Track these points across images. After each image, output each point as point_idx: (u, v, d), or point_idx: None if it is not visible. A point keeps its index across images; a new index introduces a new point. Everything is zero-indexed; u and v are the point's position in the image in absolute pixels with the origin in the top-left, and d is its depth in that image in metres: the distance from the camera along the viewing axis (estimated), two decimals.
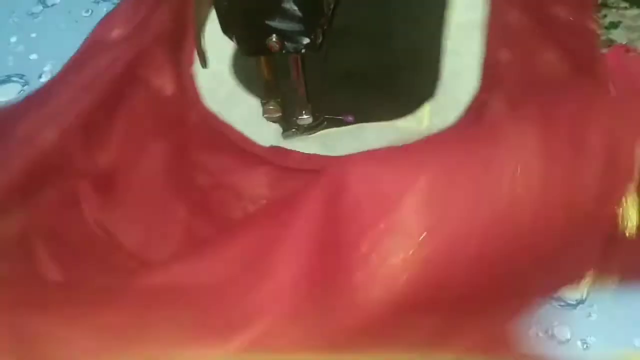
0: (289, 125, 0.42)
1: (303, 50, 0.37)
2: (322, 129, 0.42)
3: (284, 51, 0.36)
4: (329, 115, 0.42)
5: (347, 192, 0.31)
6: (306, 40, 0.36)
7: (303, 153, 0.41)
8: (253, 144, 0.42)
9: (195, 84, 0.44)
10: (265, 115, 0.42)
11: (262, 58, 0.39)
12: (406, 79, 0.43)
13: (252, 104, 0.43)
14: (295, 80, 0.39)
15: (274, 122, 0.42)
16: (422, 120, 0.41)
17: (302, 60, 0.39)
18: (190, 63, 0.45)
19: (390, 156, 0.33)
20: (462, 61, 0.43)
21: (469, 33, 0.44)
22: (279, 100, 0.41)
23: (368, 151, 0.36)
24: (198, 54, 0.44)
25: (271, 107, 0.41)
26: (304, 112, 0.41)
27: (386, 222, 0.30)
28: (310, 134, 0.42)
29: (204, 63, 0.44)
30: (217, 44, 0.44)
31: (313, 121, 0.42)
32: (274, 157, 0.41)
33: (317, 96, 0.41)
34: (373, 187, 0.31)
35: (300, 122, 0.41)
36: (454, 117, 0.40)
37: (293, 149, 0.41)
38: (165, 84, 0.43)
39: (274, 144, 0.41)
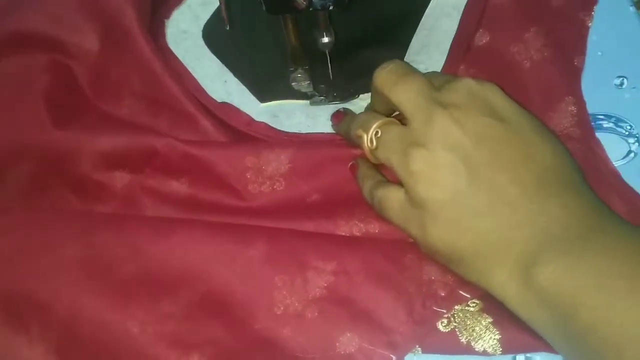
0: (317, 92, 0.43)
1: (331, 7, 0.36)
2: (351, 97, 0.43)
3: (310, 8, 0.36)
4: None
5: None
6: None
7: (252, 118, 0.43)
8: (207, 96, 0.43)
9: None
10: (293, 83, 0.42)
11: (289, 23, 0.39)
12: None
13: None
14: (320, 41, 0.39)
15: (302, 90, 0.43)
16: None
17: (330, 20, 0.38)
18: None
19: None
20: (433, 37, 0.44)
21: (447, 11, 0.45)
22: (307, 67, 0.42)
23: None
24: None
25: (299, 75, 0.42)
26: (330, 75, 0.42)
27: None
28: (338, 103, 0.43)
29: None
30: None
31: (344, 91, 0.43)
32: (222, 113, 0.43)
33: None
34: None
35: (330, 89, 0.42)
36: None
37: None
38: None
39: None
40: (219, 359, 0.34)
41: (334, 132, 0.42)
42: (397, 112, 0.36)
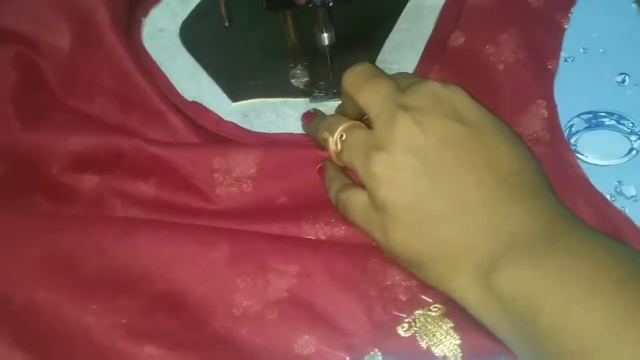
0: (316, 89, 0.42)
1: (331, 4, 0.36)
2: None
3: (310, 4, 0.36)
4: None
5: None
6: None
7: (221, 117, 0.42)
8: (178, 94, 0.44)
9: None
10: (292, 80, 0.42)
11: (289, 19, 0.39)
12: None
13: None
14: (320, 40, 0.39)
15: (301, 86, 0.43)
16: None
17: (330, 16, 0.38)
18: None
19: None
20: (408, 37, 0.44)
21: (424, 13, 0.45)
22: (306, 64, 0.42)
23: None
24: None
25: (298, 72, 0.42)
26: (332, 75, 0.41)
27: None
28: (338, 100, 0.42)
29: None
30: None
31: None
32: (191, 112, 0.43)
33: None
34: None
35: (330, 85, 0.42)
36: None
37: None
38: None
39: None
40: (173, 351, 0.34)
41: (303, 132, 0.42)
42: (366, 116, 0.36)
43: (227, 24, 0.44)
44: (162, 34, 0.48)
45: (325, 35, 0.39)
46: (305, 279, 0.35)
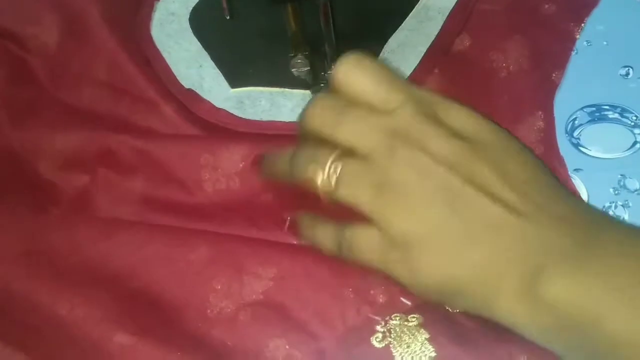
0: (316, 79, 0.42)
1: None
2: None
3: None
4: None
5: None
6: None
7: (214, 105, 0.41)
8: (175, 81, 0.43)
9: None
10: (292, 70, 0.41)
11: (289, 8, 0.39)
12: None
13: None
14: (324, 32, 0.39)
15: (301, 76, 0.41)
16: None
17: (332, 9, 0.38)
18: None
19: None
20: (412, 38, 0.43)
21: (432, 15, 0.44)
22: (307, 53, 0.40)
23: None
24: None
25: (299, 61, 0.41)
26: (333, 66, 0.39)
27: None
28: None
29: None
30: None
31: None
32: (185, 99, 0.42)
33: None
34: None
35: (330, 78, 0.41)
36: None
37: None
38: None
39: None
40: (144, 342, 0.34)
41: (295, 121, 0.41)
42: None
43: (228, 17, 0.43)
44: (172, 18, 0.48)
45: (330, 32, 0.39)
46: (281, 282, 0.35)
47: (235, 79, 0.44)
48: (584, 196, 0.38)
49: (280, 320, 0.34)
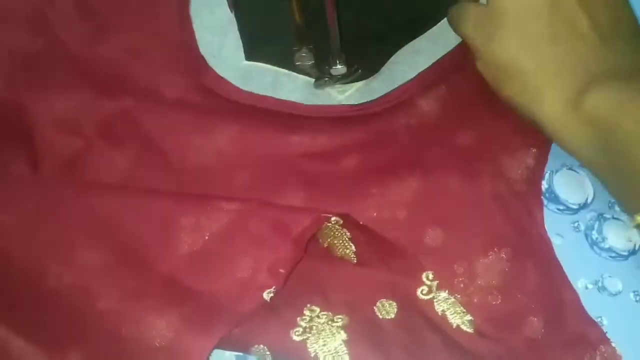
0: (321, 73, 0.42)
1: None
2: (355, 80, 0.42)
3: None
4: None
5: None
6: None
7: (218, 75, 0.43)
8: (194, 48, 0.44)
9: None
10: (297, 63, 0.41)
11: (294, 1, 0.39)
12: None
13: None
14: (329, 26, 0.38)
15: (305, 70, 0.42)
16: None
17: (337, 3, 0.37)
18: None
19: None
20: (425, 47, 0.43)
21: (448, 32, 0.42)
22: (311, 47, 0.40)
23: None
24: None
25: (303, 55, 0.40)
26: (337, 61, 0.40)
27: None
28: (343, 84, 0.42)
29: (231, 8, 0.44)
30: None
31: (347, 71, 0.41)
32: (194, 67, 0.43)
33: (350, 46, 0.40)
34: None
35: (334, 72, 0.41)
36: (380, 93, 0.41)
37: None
38: None
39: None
40: (125, 299, 0.36)
41: (291, 102, 0.42)
42: None
43: (232, 12, 0.44)
44: None
45: (334, 26, 0.39)
46: (245, 212, 0.37)
47: (252, 52, 0.45)
48: (589, 191, 0.38)
49: (247, 242, 0.37)
